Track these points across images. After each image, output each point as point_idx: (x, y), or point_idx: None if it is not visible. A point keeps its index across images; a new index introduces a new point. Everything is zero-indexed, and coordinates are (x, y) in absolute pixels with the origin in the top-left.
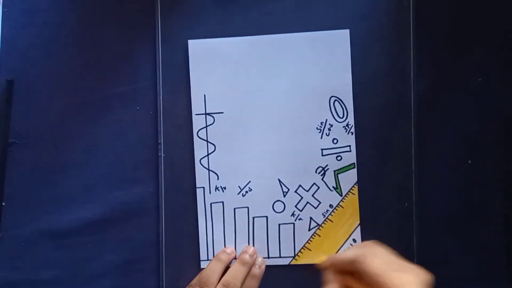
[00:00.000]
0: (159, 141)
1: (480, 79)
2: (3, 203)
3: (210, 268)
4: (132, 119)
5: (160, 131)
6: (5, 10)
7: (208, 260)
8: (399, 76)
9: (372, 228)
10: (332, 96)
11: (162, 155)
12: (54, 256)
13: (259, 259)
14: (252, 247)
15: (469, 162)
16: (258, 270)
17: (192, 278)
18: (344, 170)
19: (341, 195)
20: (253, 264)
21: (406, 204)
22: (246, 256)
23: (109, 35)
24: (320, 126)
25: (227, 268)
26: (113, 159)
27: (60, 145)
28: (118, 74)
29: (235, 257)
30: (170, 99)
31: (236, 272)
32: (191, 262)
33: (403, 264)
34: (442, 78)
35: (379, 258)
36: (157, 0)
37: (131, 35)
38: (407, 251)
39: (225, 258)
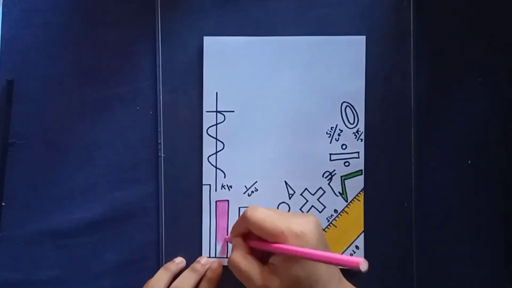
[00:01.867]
0: (159, 141)
1: (480, 79)
2: (3, 203)
3: (156, 277)
4: (132, 119)
5: (160, 131)
6: (5, 10)
7: (209, 257)
8: (399, 76)
9: (376, 235)
10: (344, 102)
11: (162, 155)
12: (54, 256)
13: (215, 264)
14: (205, 257)
15: (469, 162)
16: (212, 274)
17: None
18: (351, 176)
19: (346, 201)
20: (205, 272)
21: (405, 204)
22: (197, 265)
23: (109, 35)
24: (330, 131)
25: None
26: (113, 159)
27: (60, 145)
28: (118, 74)
29: (185, 267)
30: (170, 99)
31: (185, 278)
32: (191, 262)
33: (287, 213)
34: (442, 78)
35: (261, 210)
36: (157, 0)
37: (131, 35)
38: (407, 251)
39: (173, 267)
